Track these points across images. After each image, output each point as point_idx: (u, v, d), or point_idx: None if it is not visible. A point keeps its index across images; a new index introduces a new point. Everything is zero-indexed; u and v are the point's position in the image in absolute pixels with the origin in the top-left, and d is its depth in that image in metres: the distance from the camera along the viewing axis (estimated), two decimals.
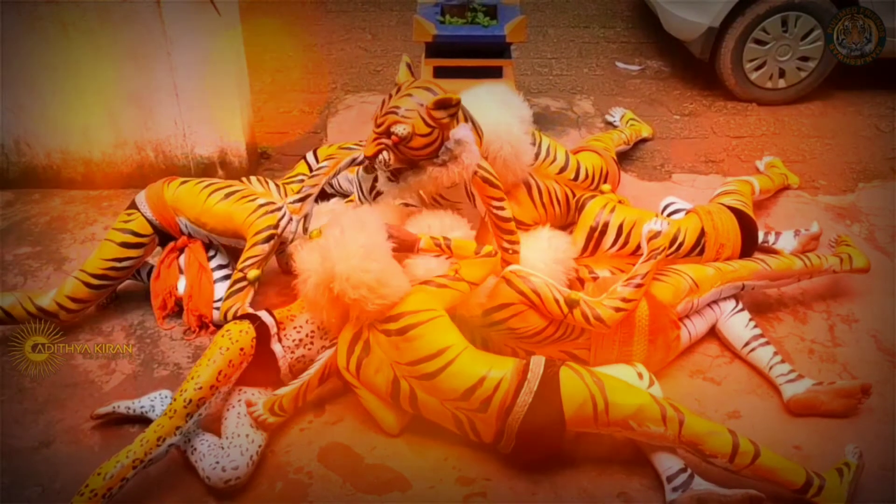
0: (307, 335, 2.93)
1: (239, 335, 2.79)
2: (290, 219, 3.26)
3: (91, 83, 3.88)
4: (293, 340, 2.93)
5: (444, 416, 2.68)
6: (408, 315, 2.64)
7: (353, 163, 3.30)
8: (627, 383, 2.70)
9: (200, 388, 2.65)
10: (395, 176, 2.97)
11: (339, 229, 2.70)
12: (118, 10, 3.70)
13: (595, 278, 3.22)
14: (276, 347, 2.88)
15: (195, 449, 2.69)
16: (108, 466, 2.48)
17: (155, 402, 2.89)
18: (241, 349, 2.77)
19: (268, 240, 3.19)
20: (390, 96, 2.86)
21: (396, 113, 2.79)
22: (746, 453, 2.53)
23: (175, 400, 2.64)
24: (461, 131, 2.87)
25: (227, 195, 3.29)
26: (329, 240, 2.69)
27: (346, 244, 2.64)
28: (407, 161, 2.91)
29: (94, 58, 3.82)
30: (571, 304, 2.86)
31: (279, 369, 2.91)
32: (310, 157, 3.85)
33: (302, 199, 3.28)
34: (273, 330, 2.89)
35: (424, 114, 2.78)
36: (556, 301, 2.86)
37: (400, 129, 2.78)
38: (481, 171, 2.93)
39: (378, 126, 2.84)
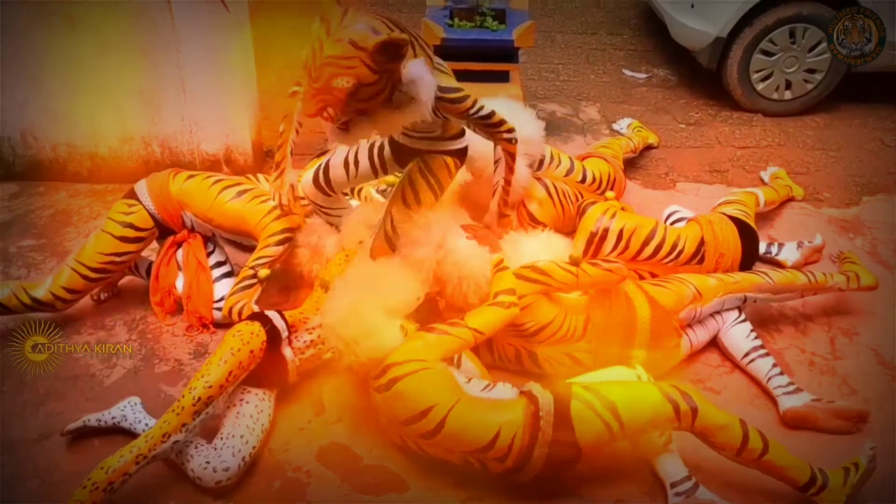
0: (319, 336, 2.92)
1: (250, 337, 2.77)
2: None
3: (98, 78, 3.89)
4: (304, 342, 2.93)
5: (454, 459, 2.62)
6: (393, 367, 2.55)
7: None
8: (636, 390, 2.62)
9: (210, 386, 2.63)
10: (346, 126, 2.60)
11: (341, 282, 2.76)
12: (127, 4, 3.72)
13: None
14: (287, 352, 2.88)
15: (180, 450, 2.65)
16: (112, 461, 2.47)
17: (126, 411, 2.84)
18: (252, 351, 2.75)
19: (281, 242, 3.20)
20: (320, 41, 2.41)
21: (336, 64, 2.37)
22: (755, 449, 2.52)
23: (183, 397, 2.61)
24: (414, 69, 2.51)
25: (239, 193, 3.28)
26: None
27: (337, 297, 2.70)
28: (356, 112, 2.55)
29: (101, 52, 3.83)
30: (575, 262, 2.92)
31: (287, 372, 2.91)
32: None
33: (280, 175, 3.18)
34: (284, 334, 2.88)
35: (368, 60, 2.37)
36: (563, 268, 2.91)
37: (341, 82, 2.39)
38: (440, 94, 2.62)
39: (315, 80, 2.43)
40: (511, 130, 2.89)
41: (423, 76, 2.53)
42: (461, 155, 3.06)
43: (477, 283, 2.91)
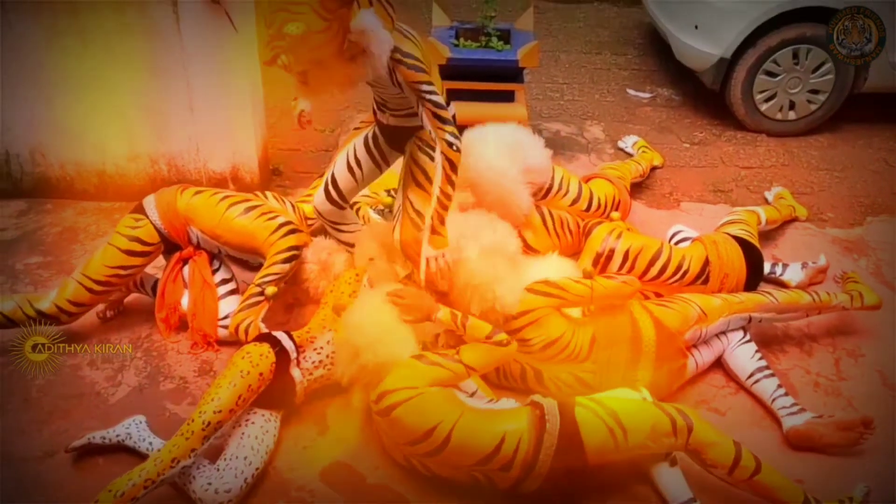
0: (328, 356, 2.93)
1: (259, 359, 2.77)
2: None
3: (107, 96, 3.93)
4: (312, 362, 2.93)
5: (459, 477, 2.63)
6: (388, 395, 2.57)
7: None
8: (635, 403, 2.70)
9: (220, 411, 2.63)
10: (303, 77, 2.74)
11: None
12: (137, 24, 3.76)
13: None
14: (295, 373, 2.89)
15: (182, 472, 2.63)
16: (120, 483, 2.47)
17: (130, 429, 2.83)
18: (261, 373, 2.75)
19: (288, 260, 3.21)
20: None
21: (287, 10, 2.51)
22: (746, 468, 2.53)
23: (192, 421, 2.61)
24: (362, 20, 2.59)
25: (247, 210, 3.29)
26: None
27: (359, 303, 2.81)
28: (310, 62, 2.66)
29: (111, 71, 3.87)
30: (589, 275, 2.97)
31: (295, 393, 2.91)
32: None
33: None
34: (293, 355, 2.88)
35: (317, 6, 2.51)
36: (577, 282, 2.95)
37: (292, 28, 2.52)
38: (397, 55, 2.66)
39: (269, 26, 2.58)
40: (456, 136, 2.78)
41: (373, 28, 2.59)
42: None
43: (482, 297, 2.92)
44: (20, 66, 3.84)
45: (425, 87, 2.72)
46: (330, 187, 3.29)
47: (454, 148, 2.76)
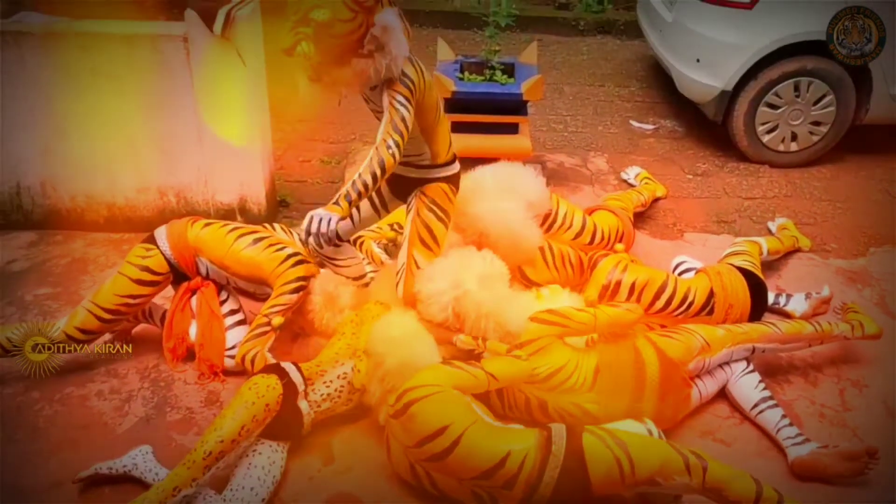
0: (336, 390, 2.96)
1: (266, 390, 2.79)
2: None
3: (118, 129, 3.99)
4: (321, 395, 2.94)
5: (462, 493, 2.64)
6: (409, 391, 2.62)
7: None
8: (647, 437, 2.70)
9: (222, 441, 2.65)
10: (317, 73, 2.73)
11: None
12: (148, 58, 3.83)
13: None
14: (303, 405, 2.90)
15: (189, 502, 2.63)
16: None
17: (137, 460, 2.84)
18: (267, 405, 2.77)
19: (296, 291, 3.24)
20: None
21: None
22: (770, 499, 2.50)
23: (195, 451, 2.63)
24: (387, 16, 2.65)
25: (255, 241, 3.33)
26: None
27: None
28: (329, 53, 2.68)
29: (122, 104, 3.94)
30: (591, 303, 3.01)
31: (302, 424, 2.92)
32: None
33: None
34: (300, 388, 2.90)
35: None
36: (580, 310, 2.99)
37: (319, 15, 2.54)
38: (405, 81, 2.76)
39: (294, 13, 2.60)
40: (398, 145, 2.73)
41: (397, 27, 2.66)
42: (455, 181, 3.20)
43: (497, 322, 2.98)
44: (33, 100, 3.91)
45: (399, 99, 2.76)
46: None
47: (391, 151, 2.72)
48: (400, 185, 3.19)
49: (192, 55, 3.81)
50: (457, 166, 3.21)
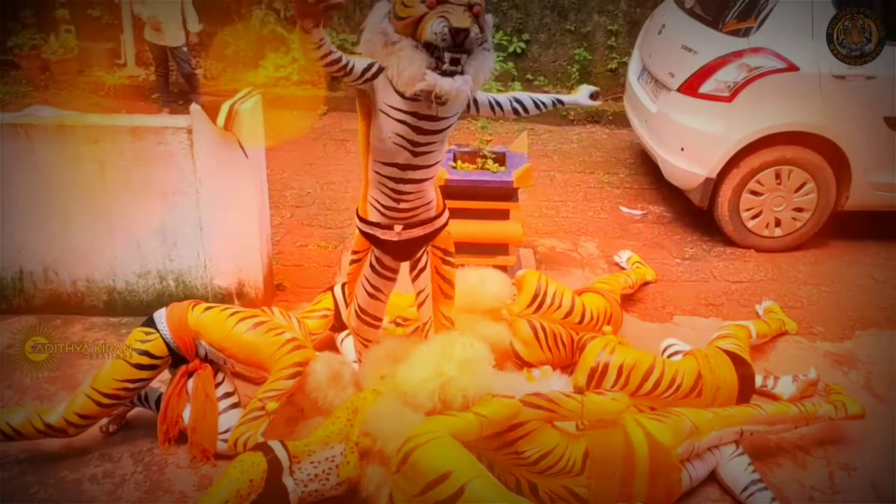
0: (324, 471, 2.97)
1: (250, 466, 2.83)
2: None
3: (121, 217, 4.11)
4: (307, 474, 2.96)
5: None
6: (409, 441, 2.65)
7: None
8: None
9: None
10: (456, 64, 2.57)
11: None
12: (153, 149, 3.98)
13: None
14: (288, 482, 2.91)
15: None
16: None
17: None
18: (251, 480, 2.80)
19: (292, 376, 3.27)
20: None
21: None
22: None
23: None
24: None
25: (255, 325, 3.38)
26: None
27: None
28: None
29: (126, 194, 4.06)
30: (579, 390, 3.01)
31: (289, 502, 2.92)
32: (337, 290, 3.97)
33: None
34: (285, 464, 2.92)
35: None
36: (568, 396, 2.99)
37: None
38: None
39: None
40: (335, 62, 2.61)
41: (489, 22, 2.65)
42: (442, 228, 3.29)
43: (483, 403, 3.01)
44: (40, 189, 4.04)
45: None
46: (362, 315, 3.44)
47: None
48: (404, 248, 3.26)
49: (195, 146, 3.96)
50: (446, 216, 3.30)
